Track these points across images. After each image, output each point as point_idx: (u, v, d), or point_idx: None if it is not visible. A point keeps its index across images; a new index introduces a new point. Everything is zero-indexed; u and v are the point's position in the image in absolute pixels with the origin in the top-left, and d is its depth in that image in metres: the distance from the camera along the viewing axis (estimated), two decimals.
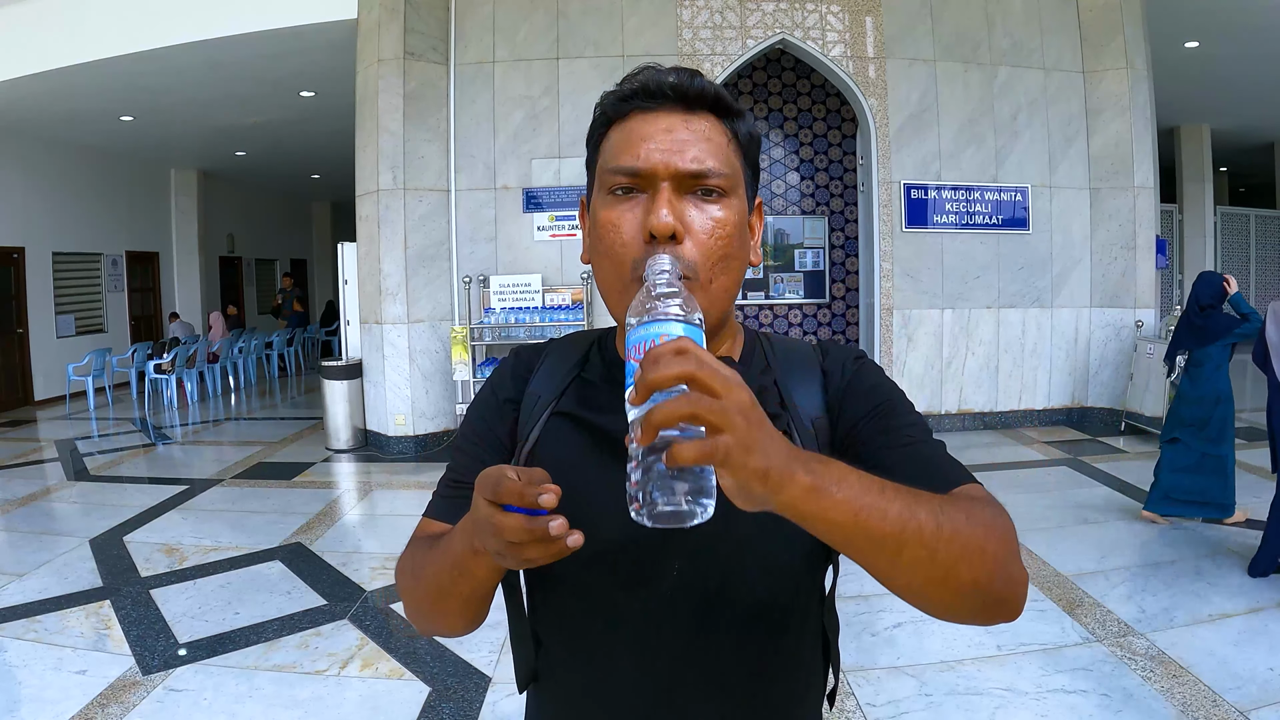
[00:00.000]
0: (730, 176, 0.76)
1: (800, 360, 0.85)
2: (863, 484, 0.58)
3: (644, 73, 0.77)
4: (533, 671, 0.86)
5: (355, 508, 5.22)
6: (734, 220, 0.76)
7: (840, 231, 8.12)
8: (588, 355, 0.87)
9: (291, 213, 16.73)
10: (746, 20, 6.71)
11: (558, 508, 0.62)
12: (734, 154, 0.77)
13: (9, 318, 9.48)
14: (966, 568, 0.61)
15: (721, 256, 0.75)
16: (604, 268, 0.77)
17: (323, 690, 2.81)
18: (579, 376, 0.85)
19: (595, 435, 0.81)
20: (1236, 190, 16.71)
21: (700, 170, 0.73)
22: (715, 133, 0.76)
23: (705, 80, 0.76)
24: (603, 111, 0.79)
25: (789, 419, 0.80)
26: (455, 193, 6.59)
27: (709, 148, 0.74)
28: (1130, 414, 6.60)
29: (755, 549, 0.75)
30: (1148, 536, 4.28)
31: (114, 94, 8.19)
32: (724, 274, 0.75)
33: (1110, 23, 6.90)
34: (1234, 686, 2.64)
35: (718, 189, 0.75)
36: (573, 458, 0.80)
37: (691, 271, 0.73)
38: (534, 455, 0.83)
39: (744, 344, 0.87)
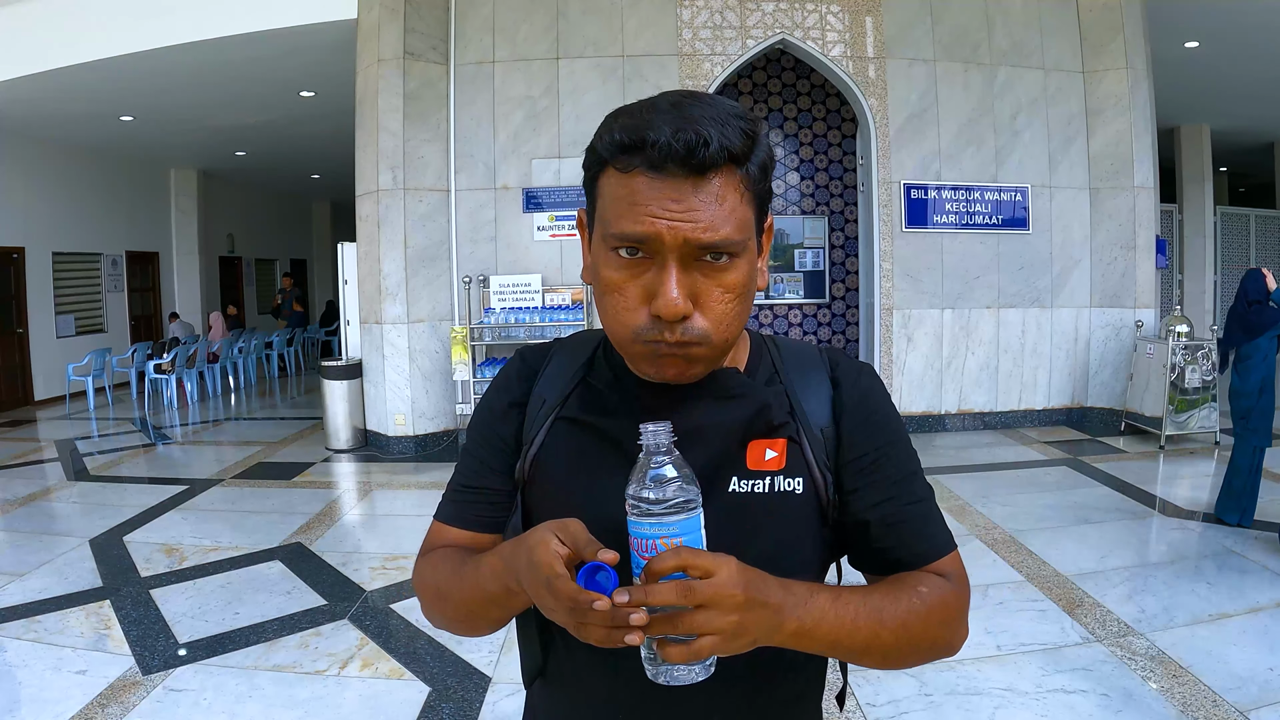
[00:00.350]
0: (742, 238, 0.71)
1: (809, 367, 0.85)
2: (837, 613, 0.71)
3: (653, 125, 0.68)
4: (539, 668, 0.87)
5: (355, 508, 5.22)
6: (745, 279, 0.73)
7: (840, 231, 8.11)
8: (593, 358, 0.86)
9: (291, 213, 16.72)
10: (746, 20, 6.71)
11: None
12: (747, 205, 0.72)
13: (9, 318, 9.48)
14: (914, 655, 0.77)
15: (734, 317, 0.73)
16: (608, 323, 0.76)
17: (323, 690, 2.81)
18: (584, 380, 0.84)
19: (601, 439, 0.81)
20: (1236, 190, 16.71)
21: (711, 242, 0.69)
22: (728, 190, 0.69)
23: (719, 135, 0.67)
24: (596, 153, 0.73)
25: (799, 426, 0.81)
26: (455, 193, 6.59)
27: (720, 213, 0.69)
28: (1130, 414, 6.60)
29: (761, 556, 0.76)
30: (1148, 536, 4.28)
31: (114, 94, 8.19)
32: (735, 328, 0.74)
33: (1110, 23, 6.90)
34: (1234, 686, 2.64)
35: (728, 253, 0.71)
36: (576, 463, 0.81)
37: (703, 339, 0.72)
38: (538, 460, 0.83)
39: (750, 352, 0.86)
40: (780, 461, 0.79)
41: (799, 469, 0.80)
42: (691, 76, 6.66)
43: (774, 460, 0.79)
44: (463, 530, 0.87)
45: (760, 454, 0.79)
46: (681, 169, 0.68)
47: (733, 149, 0.68)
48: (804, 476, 0.80)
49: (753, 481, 0.79)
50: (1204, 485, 5.35)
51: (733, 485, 0.78)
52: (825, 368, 0.85)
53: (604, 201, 0.73)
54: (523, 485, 0.85)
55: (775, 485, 0.79)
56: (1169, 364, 6.11)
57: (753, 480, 0.79)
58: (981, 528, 4.37)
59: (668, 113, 0.69)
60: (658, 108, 0.70)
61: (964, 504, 4.79)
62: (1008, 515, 4.57)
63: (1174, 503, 4.82)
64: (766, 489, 0.79)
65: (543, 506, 0.82)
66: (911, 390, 6.96)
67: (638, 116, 0.70)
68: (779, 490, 0.79)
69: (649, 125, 0.68)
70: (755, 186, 0.72)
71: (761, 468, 0.79)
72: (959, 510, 4.69)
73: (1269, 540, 3.99)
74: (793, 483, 0.79)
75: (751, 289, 0.75)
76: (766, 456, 0.79)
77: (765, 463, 0.79)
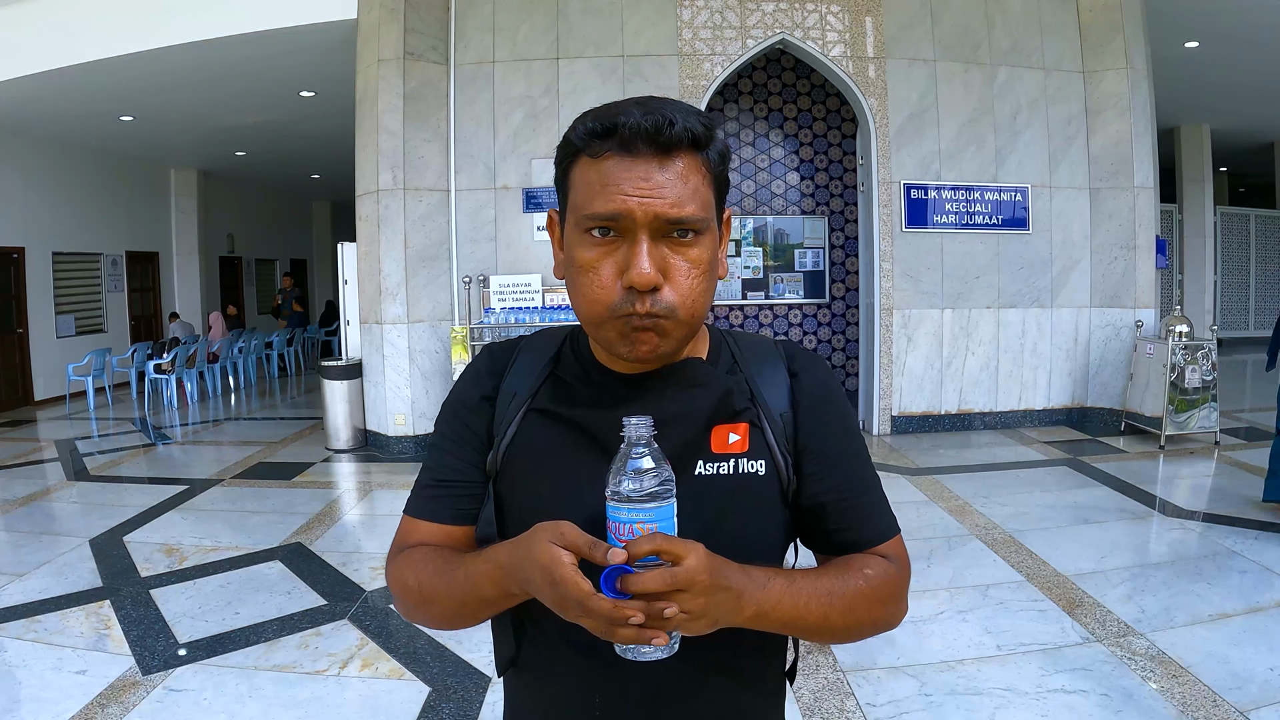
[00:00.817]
0: (705, 216, 0.77)
1: (766, 357, 0.90)
2: (792, 597, 0.77)
3: (622, 112, 0.75)
4: (512, 657, 0.89)
5: (355, 508, 5.22)
6: (709, 256, 0.79)
7: (840, 231, 8.11)
8: (560, 352, 0.90)
9: (291, 213, 16.73)
10: (746, 20, 6.71)
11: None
12: (708, 187, 0.78)
13: (9, 318, 9.48)
14: (859, 632, 0.85)
15: (699, 293, 0.78)
16: (581, 304, 0.79)
17: (323, 690, 2.81)
18: (553, 374, 0.88)
19: (572, 429, 0.85)
20: (1236, 190, 16.71)
21: (678, 217, 0.75)
22: (691, 171, 0.76)
23: (682, 119, 0.74)
24: (569, 144, 0.78)
25: (759, 412, 0.86)
26: (455, 193, 6.59)
27: (685, 191, 0.75)
28: (1130, 414, 6.59)
29: (728, 536, 0.80)
30: (1147, 536, 4.28)
31: (114, 94, 8.19)
32: (701, 304, 0.79)
33: (1110, 23, 6.90)
34: (1234, 686, 2.64)
35: (694, 229, 0.76)
36: (548, 454, 0.85)
37: (670, 311, 0.76)
38: (511, 452, 0.86)
39: (710, 344, 0.90)
40: (743, 445, 0.84)
41: (761, 452, 0.85)
42: (691, 76, 6.66)
43: (737, 444, 0.84)
44: (437, 524, 0.89)
45: (724, 438, 0.84)
46: (650, 147, 0.74)
47: (695, 131, 0.75)
48: (766, 459, 0.85)
49: (718, 464, 0.83)
50: (1204, 485, 5.36)
51: (699, 469, 0.83)
52: (782, 359, 0.90)
53: (576, 189, 0.78)
54: (494, 477, 0.88)
55: (739, 467, 0.84)
56: (1169, 364, 6.11)
57: (718, 463, 0.83)
58: (981, 528, 4.37)
59: (635, 105, 0.76)
60: (624, 103, 0.77)
61: (964, 504, 4.79)
62: (1008, 515, 4.57)
63: (1174, 503, 4.82)
64: (731, 471, 0.84)
65: (515, 497, 0.86)
66: (911, 390, 6.96)
67: (607, 109, 0.77)
68: (743, 472, 0.84)
69: (619, 113, 0.75)
70: (715, 170, 0.79)
71: (726, 451, 0.84)
72: (959, 510, 4.69)
73: (1270, 539, 4.00)
74: (755, 465, 0.84)
75: (714, 270, 0.80)
76: (730, 440, 0.84)
77: (729, 446, 0.84)
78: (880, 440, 6.76)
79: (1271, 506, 4.46)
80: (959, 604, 3.40)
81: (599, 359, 0.87)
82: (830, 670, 2.85)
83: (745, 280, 8.06)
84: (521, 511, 0.84)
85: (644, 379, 0.84)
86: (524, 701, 0.91)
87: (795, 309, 8.17)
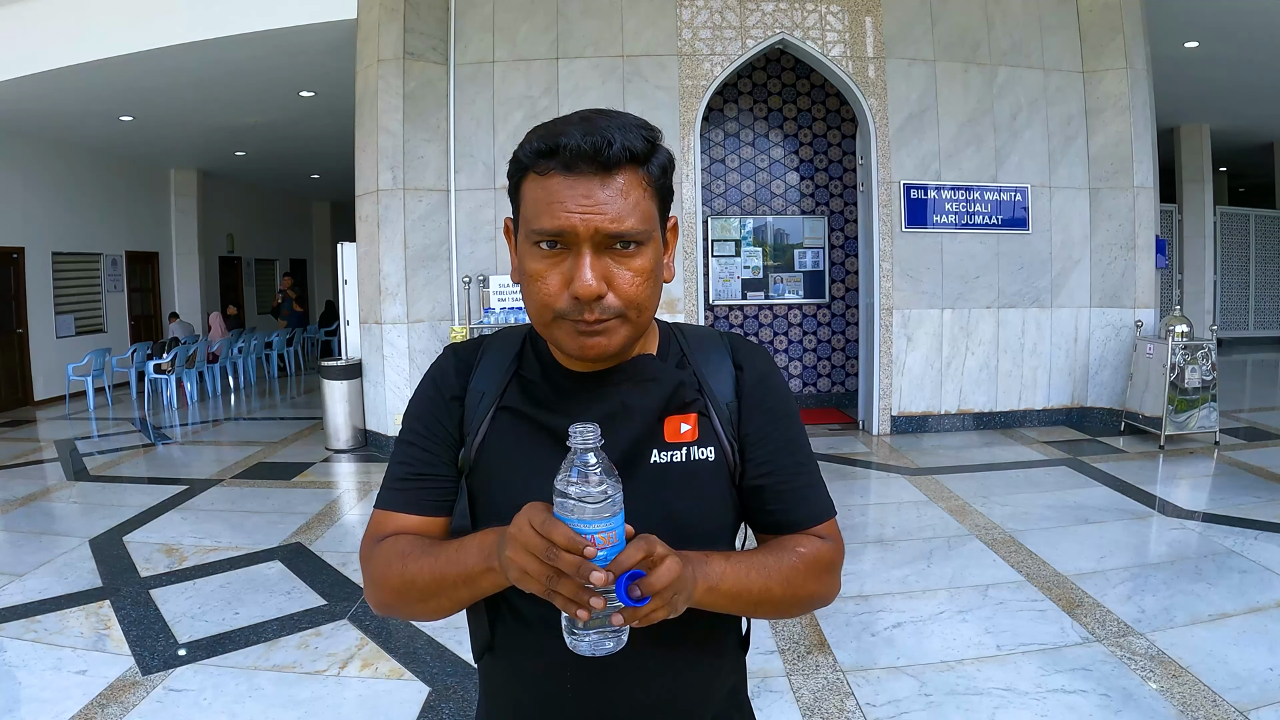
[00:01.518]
0: (646, 229, 0.82)
1: (712, 350, 0.96)
2: (734, 571, 0.84)
3: (565, 133, 0.79)
4: (488, 643, 0.93)
5: (355, 508, 5.22)
6: (651, 264, 0.84)
7: (840, 231, 8.12)
8: (521, 352, 0.95)
9: (291, 213, 16.72)
10: (746, 20, 6.71)
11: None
12: (649, 199, 0.83)
13: (9, 318, 9.48)
14: (798, 607, 0.93)
15: (644, 298, 0.83)
16: (532, 310, 0.85)
17: (323, 690, 2.81)
18: (517, 374, 0.94)
19: (538, 430, 0.90)
20: (1236, 190, 16.71)
21: (618, 231, 0.80)
22: (632, 186, 0.81)
23: (621, 138, 0.79)
24: (519, 161, 0.83)
25: (707, 402, 0.92)
26: (455, 193, 6.59)
27: (626, 206, 0.80)
28: (1130, 414, 6.60)
29: (685, 519, 0.87)
30: (1147, 536, 4.28)
31: (114, 94, 8.19)
32: (646, 308, 0.84)
33: (1110, 23, 6.90)
34: (1234, 686, 2.64)
35: (635, 241, 0.81)
36: (519, 453, 0.90)
37: (616, 314, 0.82)
38: (483, 449, 0.92)
39: (659, 339, 0.96)
40: (694, 434, 0.91)
41: (710, 439, 0.91)
42: (691, 76, 6.66)
43: (688, 433, 0.91)
44: (411, 515, 0.93)
45: (676, 428, 0.90)
46: (590, 167, 0.79)
47: (634, 149, 0.80)
48: (715, 446, 0.91)
49: (671, 453, 0.90)
50: (1204, 485, 5.36)
51: (654, 457, 0.89)
52: (727, 350, 0.96)
53: (526, 204, 0.83)
54: (467, 472, 0.93)
55: (690, 455, 0.90)
56: (1169, 364, 6.11)
57: (671, 452, 0.90)
58: (981, 528, 4.37)
59: (578, 124, 0.80)
60: (570, 120, 0.81)
61: (964, 504, 4.79)
62: (1008, 515, 4.57)
63: (1174, 503, 4.82)
64: (684, 458, 0.90)
65: (488, 491, 0.91)
66: (911, 390, 6.96)
67: (552, 128, 0.81)
68: (694, 459, 0.90)
69: (562, 133, 0.79)
70: (656, 184, 0.84)
71: (678, 440, 0.90)
72: (959, 510, 4.69)
73: (1270, 539, 4.00)
74: (705, 451, 0.91)
75: (658, 275, 0.86)
76: (681, 429, 0.90)
77: (680, 435, 0.90)
78: (880, 440, 6.76)
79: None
80: (959, 604, 3.40)
81: (556, 359, 0.92)
82: (830, 670, 2.85)
83: (745, 280, 8.06)
84: (495, 504, 0.89)
85: (599, 376, 0.90)
86: (498, 683, 0.95)
87: (795, 309, 8.17)
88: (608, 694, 0.88)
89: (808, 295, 8.14)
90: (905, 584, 3.63)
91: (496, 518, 0.85)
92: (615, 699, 0.89)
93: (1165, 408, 6.13)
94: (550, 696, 0.89)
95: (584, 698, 0.88)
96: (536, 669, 0.90)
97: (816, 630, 3.15)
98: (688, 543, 0.84)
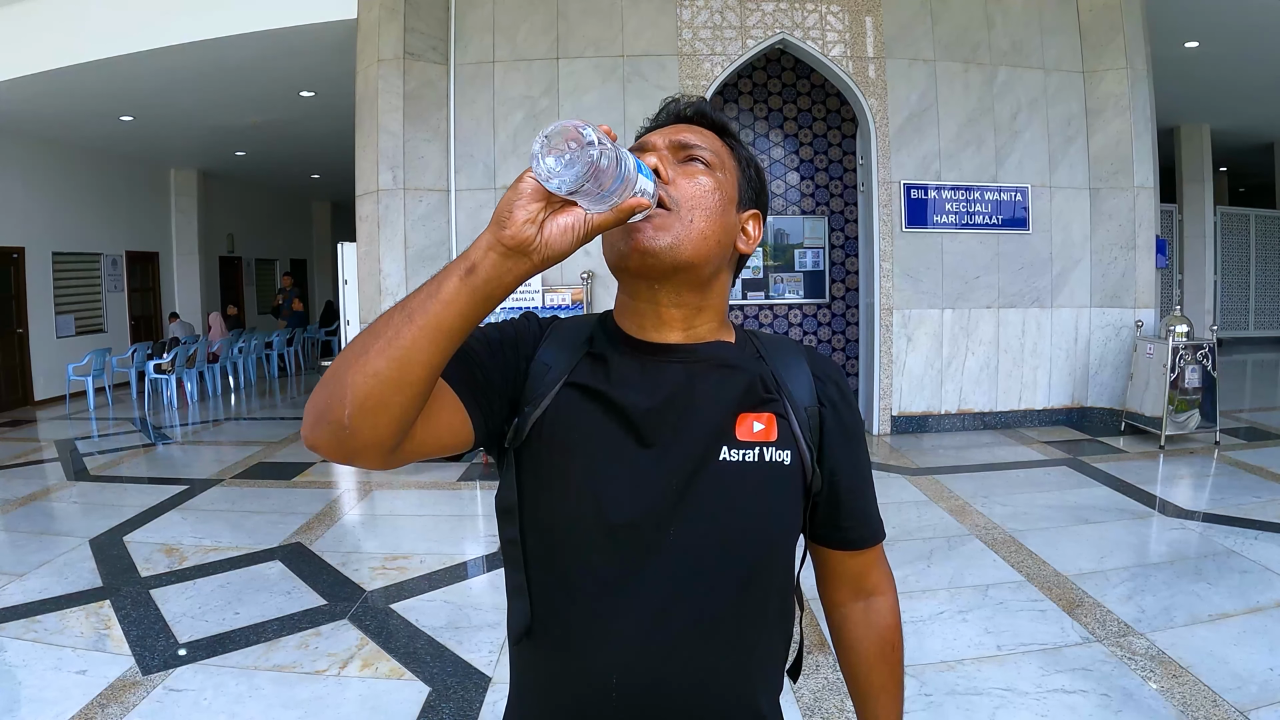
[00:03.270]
0: (716, 157, 0.87)
1: (790, 354, 0.95)
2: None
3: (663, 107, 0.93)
4: (527, 626, 0.86)
5: (355, 508, 5.22)
6: (714, 184, 0.86)
7: (840, 231, 8.11)
8: (593, 335, 0.92)
9: (291, 213, 16.72)
10: (746, 20, 6.71)
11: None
12: (726, 154, 0.90)
13: (9, 318, 9.48)
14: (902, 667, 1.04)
15: (700, 201, 0.84)
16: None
17: (323, 690, 2.81)
18: (589, 353, 0.90)
19: (608, 408, 0.86)
20: (1236, 190, 16.70)
21: (687, 143, 0.87)
22: (711, 138, 0.89)
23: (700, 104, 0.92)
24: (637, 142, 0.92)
25: (786, 403, 0.89)
26: (455, 193, 6.59)
27: (699, 137, 0.88)
28: (1130, 414, 6.59)
29: (748, 522, 0.84)
30: (1147, 536, 4.28)
31: (114, 94, 8.19)
32: (703, 219, 0.84)
33: (1110, 23, 6.90)
34: (1234, 686, 2.64)
35: (703, 160, 0.86)
36: (585, 431, 0.85)
37: (674, 204, 0.82)
38: (545, 422, 0.86)
39: (737, 336, 0.95)
40: (770, 434, 0.87)
41: (788, 442, 0.88)
42: (691, 76, 6.66)
43: (763, 432, 0.87)
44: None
45: (749, 426, 0.86)
46: (675, 116, 0.91)
47: (712, 115, 0.91)
48: (792, 449, 0.88)
49: (743, 451, 0.85)
50: (1204, 485, 5.36)
51: (724, 454, 0.85)
52: (804, 357, 0.95)
53: None
54: (519, 444, 0.86)
55: (765, 455, 0.86)
56: (1169, 364, 6.11)
57: (743, 450, 0.85)
58: (981, 528, 4.37)
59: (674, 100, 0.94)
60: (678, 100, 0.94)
61: (964, 504, 4.79)
62: (1008, 515, 4.57)
63: (1174, 503, 4.82)
64: (756, 459, 0.86)
65: (538, 467, 0.85)
66: (911, 390, 6.96)
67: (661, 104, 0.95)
68: (769, 460, 0.86)
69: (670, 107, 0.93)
70: (738, 158, 0.91)
71: (751, 438, 0.86)
72: (959, 510, 4.69)
73: (1270, 539, 4.00)
74: (782, 454, 0.87)
75: (725, 210, 0.87)
76: (755, 429, 0.87)
77: (755, 434, 0.86)
78: (880, 440, 6.76)
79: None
80: (959, 604, 3.40)
81: (627, 332, 0.90)
82: (830, 670, 2.85)
83: (745, 280, 8.05)
84: (549, 477, 0.85)
85: (674, 349, 0.88)
86: (533, 673, 0.89)
87: (795, 309, 8.17)
88: (653, 689, 0.82)
89: (808, 295, 8.13)
90: (905, 584, 3.63)
91: (548, 497, 0.84)
92: (660, 696, 0.82)
93: (1165, 408, 6.12)
94: (591, 689, 0.83)
95: (628, 692, 0.82)
96: (578, 663, 0.83)
97: (816, 630, 3.15)
98: (748, 545, 0.85)
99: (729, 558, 0.83)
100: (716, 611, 0.83)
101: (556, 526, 0.85)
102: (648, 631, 0.81)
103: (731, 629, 0.83)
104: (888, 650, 0.98)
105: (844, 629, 1.00)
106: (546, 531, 0.85)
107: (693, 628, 0.82)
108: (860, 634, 0.99)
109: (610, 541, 0.82)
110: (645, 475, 0.83)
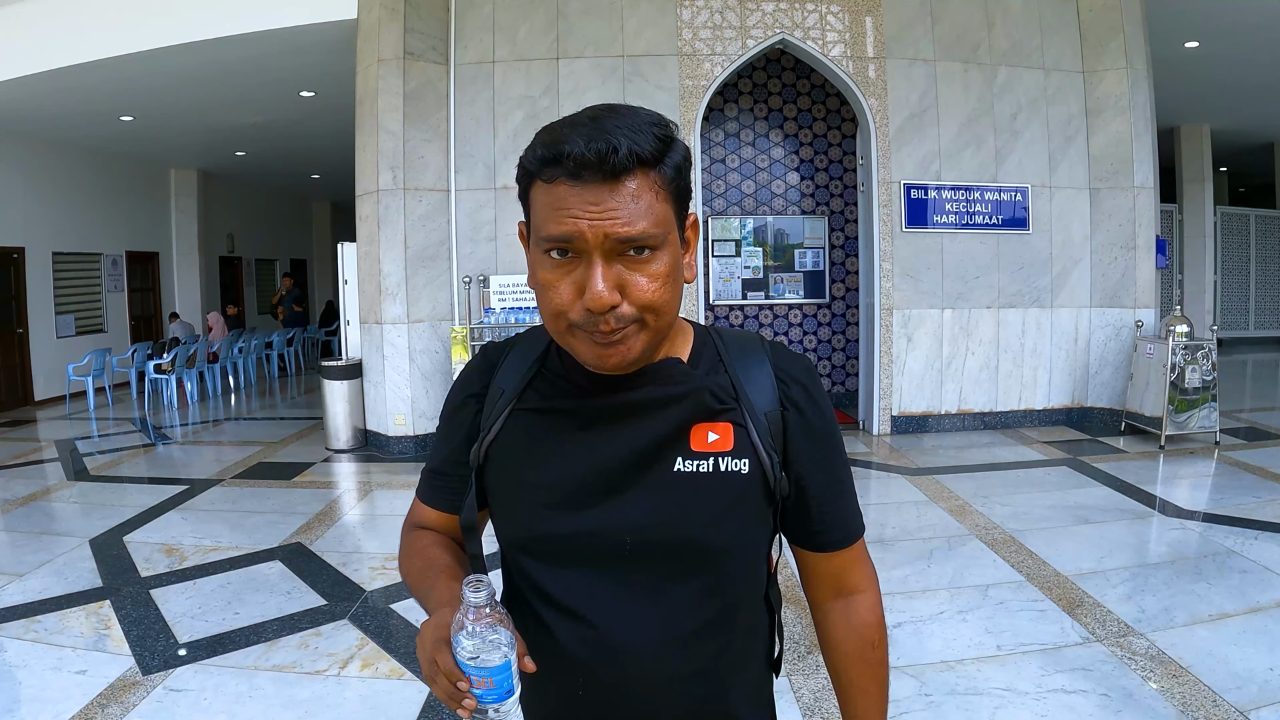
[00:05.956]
0: (660, 232, 0.77)
1: (752, 355, 0.91)
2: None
3: (568, 139, 0.74)
4: None
5: (355, 508, 5.22)
6: (667, 269, 0.79)
7: (840, 231, 8.11)
8: (546, 351, 0.93)
9: (291, 213, 16.72)
10: (746, 20, 6.71)
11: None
12: (664, 201, 0.78)
13: (9, 318, 9.47)
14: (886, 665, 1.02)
15: (661, 303, 0.79)
16: (547, 319, 0.82)
17: (323, 690, 2.81)
18: (540, 371, 0.91)
19: (554, 417, 0.88)
20: (1236, 190, 16.70)
21: (630, 235, 0.75)
22: (643, 189, 0.76)
23: (628, 142, 0.74)
24: (525, 168, 0.80)
25: (744, 410, 0.87)
26: (455, 193, 6.59)
27: (637, 210, 0.75)
28: (1130, 414, 6.59)
29: (704, 532, 0.85)
30: (1147, 536, 4.28)
31: (114, 94, 8.19)
32: (665, 312, 0.80)
33: (1110, 23, 6.90)
34: (1234, 686, 2.64)
35: (649, 246, 0.77)
36: (529, 450, 0.89)
37: (633, 320, 0.78)
38: (494, 448, 0.91)
39: (693, 343, 0.92)
40: (725, 443, 0.86)
41: (745, 450, 0.86)
42: (691, 76, 6.66)
43: (717, 442, 0.86)
44: (434, 511, 1.00)
45: (704, 436, 0.86)
46: (597, 174, 0.74)
47: (643, 154, 0.75)
48: (750, 457, 0.86)
49: (697, 462, 0.85)
50: (1204, 485, 5.36)
51: (678, 465, 0.85)
52: (767, 356, 0.91)
53: (534, 210, 0.80)
54: (477, 469, 0.93)
55: (721, 465, 0.85)
56: (1169, 364, 6.11)
57: (697, 461, 0.85)
58: (981, 528, 4.37)
59: (584, 126, 0.75)
60: (576, 123, 0.77)
61: (964, 504, 4.79)
62: (1008, 515, 4.57)
63: (1174, 503, 4.82)
64: (711, 468, 0.85)
65: (500, 485, 0.91)
66: (911, 390, 6.96)
67: (556, 133, 0.77)
68: (725, 470, 0.85)
69: (565, 140, 0.75)
70: (671, 185, 0.79)
71: (706, 449, 0.86)
72: (959, 510, 4.69)
73: (1270, 539, 4.00)
74: (739, 463, 0.86)
75: (677, 278, 0.81)
76: (710, 439, 0.86)
77: (709, 444, 0.86)
78: (880, 440, 6.76)
79: None
80: (959, 604, 3.40)
81: (575, 357, 0.89)
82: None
83: (745, 280, 8.06)
84: (507, 496, 0.90)
85: (623, 378, 0.86)
86: None
87: (795, 309, 8.17)
88: (618, 696, 0.86)
89: (808, 295, 8.14)
90: (905, 584, 3.63)
91: (510, 510, 0.89)
92: (624, 702, 0.86)
93: (1165, 408, 6.13)
94: (560, 698, 0.87)
95: (595, 697, 0.86)
96: (547, 666, 0.86)
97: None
98: (707, 554, 0.85)
99: (686, 567, 0.85)
100: (677, 618, 0.85)
101: (513, 541, 0.90)
102: (611, 640, 0.84)
103: (694, 636, 0.84)
104: (867, 649, 0.96)
105: (825, 628, 0.99)
106: (507, 546, 0.91)
107: (655, 634, 0.84)
108: (841, 634, 0.97)
109: (568, 554, 0.86)
110: (596, 489, 0.85)
